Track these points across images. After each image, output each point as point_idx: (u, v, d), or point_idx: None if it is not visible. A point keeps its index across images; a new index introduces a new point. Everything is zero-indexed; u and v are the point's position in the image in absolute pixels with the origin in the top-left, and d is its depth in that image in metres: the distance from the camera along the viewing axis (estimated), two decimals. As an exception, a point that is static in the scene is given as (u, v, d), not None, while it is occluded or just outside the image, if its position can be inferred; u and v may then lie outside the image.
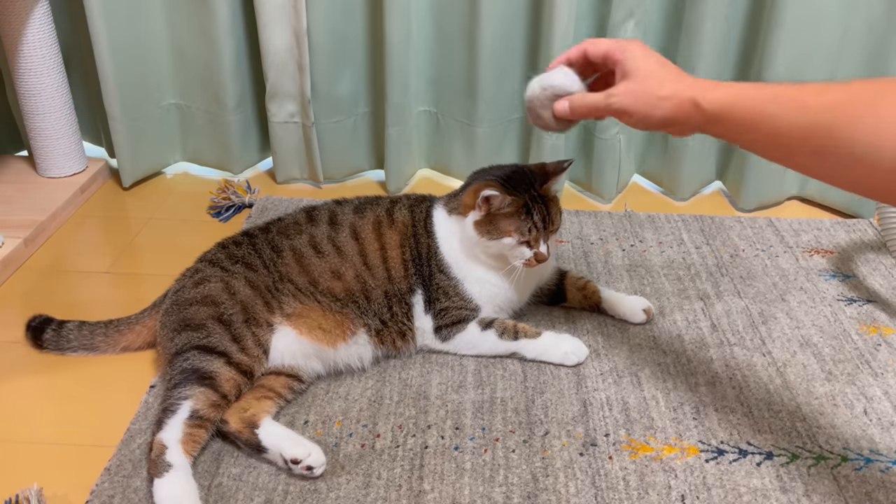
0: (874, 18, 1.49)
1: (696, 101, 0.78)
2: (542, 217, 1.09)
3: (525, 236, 1.09)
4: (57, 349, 1.15)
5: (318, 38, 1.56)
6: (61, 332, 1.15)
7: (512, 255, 1.11)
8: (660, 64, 0.84)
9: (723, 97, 0.76)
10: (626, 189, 1.73)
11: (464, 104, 1.63)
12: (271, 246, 1.14)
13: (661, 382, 1.11)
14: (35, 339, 1.16)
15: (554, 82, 0.91)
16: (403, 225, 1.17)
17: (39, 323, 1.16)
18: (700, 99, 0.77)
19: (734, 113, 0.75)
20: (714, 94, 0.77)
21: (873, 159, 0.63)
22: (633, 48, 0.85)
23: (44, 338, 1.15)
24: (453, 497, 0.92)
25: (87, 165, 1.69)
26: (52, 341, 1.15)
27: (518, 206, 1.08)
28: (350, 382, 1.11)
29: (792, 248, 1.47)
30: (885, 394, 1.09)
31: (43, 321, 1.16)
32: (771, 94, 0.72)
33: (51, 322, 1.16)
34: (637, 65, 0.84)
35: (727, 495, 0.93)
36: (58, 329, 1.15)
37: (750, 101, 0.73)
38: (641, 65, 0.83)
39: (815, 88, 0.69)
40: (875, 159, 0.63)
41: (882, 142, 0.62)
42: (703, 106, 0.77)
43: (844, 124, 0.65)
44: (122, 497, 0.91)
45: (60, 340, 1.14)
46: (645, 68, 0.83)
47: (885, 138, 0.62)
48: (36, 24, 1.50)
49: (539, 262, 1.11)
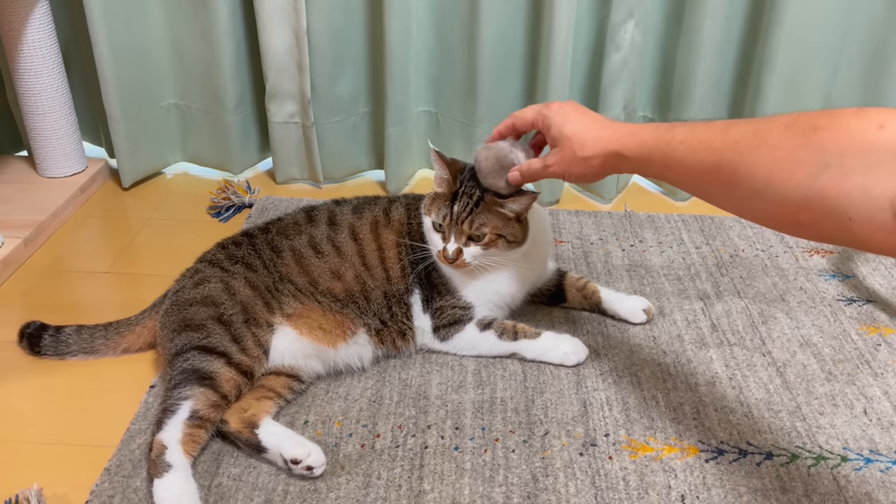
0: (874, 18, 1.49)
1: (619, 153, 0.86)
2: (461, 211, 1.06)
3: (438, 219, 1.08)
4: (56, 354, 1.13)
5: (318, 38, 1.56)
6: (59, 337, 1.13)
7: (429, 241, 1.11)
8: (580, 125, 0.91)
9: (640, 144, 0.83)
10: (625, 189, 1.73)
11: (464, 104, 1.63)
12: (271, 246, 1.14)
13: (661, 382, 1.11)
14: (32, 346, 1.14)
15: (504, 153, 1.03)
16: (400, 224, 1.17)
17: (35, 329, 1.15)
18: (622, 150, 0.86)
19: (652, 158, 0.82)
20: (633, 142, 0.84)
21: (767, 193, 0.68)
22: (553, 118, 0.94)
23: (42, 344, 1.13)
24: (453, 497, 0.92)
25: (87, 165, 1.69)
26: (50, 346, 1.13)
27: (450, 189, 1.09)
28: (350, 382, 1.11)
29: (792, 248, 1.47)
30: (885, 394, 1.09)
31: (38, 327, 1.15)
32: (683, 137, 0.78)
33: (47, 328, 1.15)
34: (559, 133, 0.92)
35: (727, 495, 0.93)
36: (55, 334, 1.14)
37: (665, 146, 0.79)
38: (563, 132, 0.92)
39: (721, 126, 0.74)
40: (768, 193, 0.68)
41: (771, 176, 0.67)
42: (626, 156, 0.85)
43: (742, 161, 0.70)
44: (122, 497, 0.91)
45: (59, 345, 1.13)
46: (566, 136, 0.91)
47: (774, 171, 0.67)
48: (36, 24, 1.50)
49: (447, 262, 1.08)
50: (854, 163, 0.61)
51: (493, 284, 1.14)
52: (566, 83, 1.53)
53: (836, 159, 0.62)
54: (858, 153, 0.61)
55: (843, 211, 0.62)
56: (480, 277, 1.13)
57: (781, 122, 0.68)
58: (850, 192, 0.62)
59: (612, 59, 1.52)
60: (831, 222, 0.64)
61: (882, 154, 0.60)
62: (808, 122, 0.66)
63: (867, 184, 0.61)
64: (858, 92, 1.56)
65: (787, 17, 1.45)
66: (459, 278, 1.14)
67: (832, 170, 0.62)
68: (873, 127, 0.61)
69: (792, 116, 0.68)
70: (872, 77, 1.54)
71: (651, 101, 1.66)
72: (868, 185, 0.60)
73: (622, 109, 1.57)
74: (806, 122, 0.66)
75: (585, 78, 1.61)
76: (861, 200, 0.61)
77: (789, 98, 1.54)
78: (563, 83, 1.52)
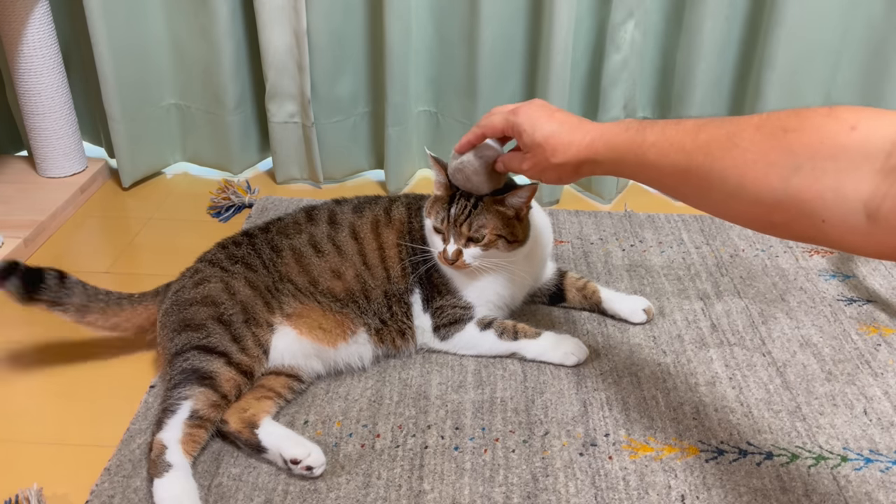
0: (874, 18, 1.49)
1: (591, 159, 0.86)
2: (459, 213, 1.07)
3: (437, 222, 1.09)
4: (52, 299, 1.05)
5: (318, 38, 1.56)
6: (65, 283, 1.06)
7: (430, 243, 1.11)
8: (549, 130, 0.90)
9: (611, 148, 0.83)
10: (625, 189, 1.73)
11: (464, 104, 1.63)
12: (271, 246, 1.14)
13: (661, 382, 1.11)
14: (27, 287, 1.04)
15: (486, 153, 1.04)
16: (400, 223, 1.17)
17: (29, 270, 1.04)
18: (594, 156, 0.85)
19: (625, 161, 0.82)
20: (604, 147, 0.84)
21: (741, 195, 0.67)
22: (522, 125, 0.92)
23: (43, 286, 1.05)
24: (453, 497, 0.92)
25: (87, 165, 1.69)
26: (52, 290, 1.05)
27: (447, 193, 1.09)
28: (350, 382, 1.11)
29: (792, 248, 1.47)
30: (885, 394, 1.09)
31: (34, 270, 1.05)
32: (654, 139, 0.77)
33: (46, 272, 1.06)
34: (531, 140, 0.91)
35: (727, 495, 0.93)
36: (61, 280, 1.06)
37: (636, 148, 0.79)
38: (535, 139, 0.91)
39: (692, 127, 0.73)
40: (741, 195, 0.67)
41: (744, 179, 0.67)
42: (598, 161, 0.85)
43: (714, 164, 0.69)
44: (122, 497, 0.91)
45: (62, 291, 1.06)
46: (537, 143, 0.90)
47: (746, 174, 0.66)
48: (36, 24, 1.50)
49: (448, 263, 1.08)
50: (826, 165, 0.61)
51: (494, 285, 1.14)
52: (566, 83, 1.53)
53: (808, 162, 0.62)
54: (830, 156, 0.61)
55: (817, 213, 0.62)
56: (481, 277, 1.13)
57: (752, 124, 0.68)
58: (822, 195, 0.61)
59: (612, 59, 1.52)
60: (805, 223, 0.64)
61: (854, 156, 0.60)
62: (777, 123, 0.65)
63: (840, 186, 0.60)
64: (858, 91, 1.56)
65: (787, 16, 1.45)
66: (460, 278, 1.14)
67: (804, 172, 0.62)
68: (845, 128, 0.61)
69: (762, 117, 0.67)
70: (872, 76, 1.54)
71: (651, 101, 1.66)
72: (841, 187, 0.60)
73: (622, 109, 1.57)
74: (776, 124, 0.66)
75: (585, 78, 1.61)
76: (834, 203, 0.61)
77: (789, 98, 1.54)
78: (563, 83, 1.52)
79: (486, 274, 1.12)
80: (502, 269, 1.13)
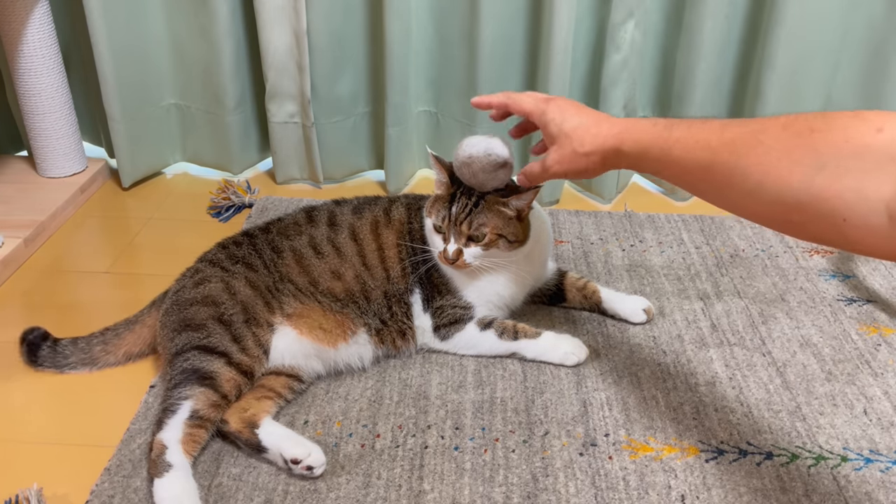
0: (874, 18, 1.49)
1: (618, 149, 0.87)
2: (460, 212, 1.07)
3: (438, 221, 1.09)
4: (54, 367, 1.11)
5: (318, 38, 1.56)
6: (56, 349, 1.11)
7: (431, 242, 1.11)
8: (579, 122, 0.91)
9: (637, 141, 0.84)
10: (625, 189, 1.73)
11: (464, 104, 1.63)
12: (271, 246, 1.14)
13: (661, 382, 1.11)
14: (30, 355, 1.11)
15: (496, 150, 1.04)
16: (400, 224, 1.17)
17: (35, 338, 1.12)
18: (621, 146, 0.86)
19: (649, 155, 0.82)
20: (631, 138, 0.85)
21: (762, 193, 0.68)
22: (551, 114, 0.94)
23: (39, 354, 1.11)
24: (453, 497, 0.92)
25: (87, 165, 1.69)
26: (48, 358, 1.11)
27: (448, 191, 1.09)
28: (350, 382, 1.11)
29: (792, 248, 1.47)
30: (885, 394, 1.09)
31: (39, 336, 1.12)
32: (680, 135, 0.78)
33: (46, 338, 1.12)
34: (559, 130, 0.93)
35: (727, 495, 0.93)
36: (53, 346, 1.11)
37: (662, 143, 0.80)
38: (564, 129, 0.92)
39: (718, 126, 0.74)
40: (762, 193, 0.68)
41: (767, 177, 0.67)
42: (624, 151, 0.86)
43: (738, 161, 0.70)
44: (122, 497, 0.91)
45: (57, 357, 1.11)
46: (566, 133, 0.92)
47: (770, 172, 0.67)
48: (36, 24, 1.50)
49: (448, 263, 1.09)
50: (849, 164, 0.61)
51: (494, 285, 1.14)
52: (566, 83, 1.53)
53: (832, 161, 0.62)
54: (854, 155, 0.61)
55: (838, 213, 0.62)
56: (481, 277, 1.13)
57: (778, 124, 0.68)
58: (843, 194, 0.61)
59: (612, 59, 1.52)
60: (824, 223, 0.64)
61: (879, 156, 0.60)
62: (804, 123, 0.66)
63: (862, 186, 0.60)
64: (858, 92, 1.56)
65: (787, 16, 1.45)
66: (460, 278, 1.14)
67: (828, 171, 0.62)
68: (872, 129, 0.61)
69: (789, 118, 0.68)
70: (872, 77, 1.54)
71: (651, 101, 1.66)
72: (863, 187, 0.60)
73: (622, 109, 1.57)
74: (803, 124, 0.66)
75: (585, 78, 1.61)
76: (855, 202, 0.61)
77: (789, 98, 1.54)
78: (563, 83, 1.52)
79: (486, 274, 1.12)
80: (503, 269, 1.13)
